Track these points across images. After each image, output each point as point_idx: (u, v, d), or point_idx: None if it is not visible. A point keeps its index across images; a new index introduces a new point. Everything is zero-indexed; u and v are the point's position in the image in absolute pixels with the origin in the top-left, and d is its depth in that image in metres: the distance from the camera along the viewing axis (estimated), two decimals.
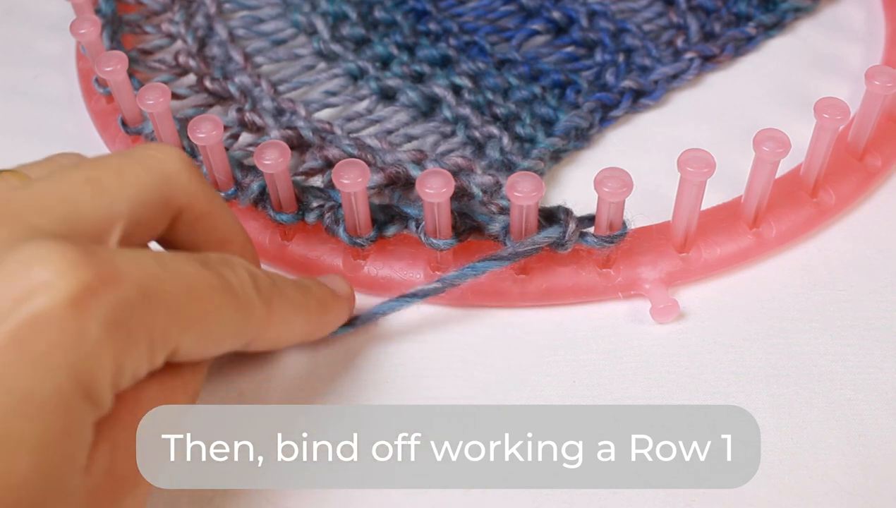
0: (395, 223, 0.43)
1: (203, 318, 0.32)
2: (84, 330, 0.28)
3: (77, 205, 0.32)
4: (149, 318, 0.30)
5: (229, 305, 0.33)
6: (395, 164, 0.46)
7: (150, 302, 0.30)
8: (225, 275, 0.34)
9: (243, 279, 0.34)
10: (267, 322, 0.36)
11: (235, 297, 0.34)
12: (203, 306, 0.32)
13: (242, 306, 0.34)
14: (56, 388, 0.27)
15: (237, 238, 0.38)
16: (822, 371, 0.41)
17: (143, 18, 0.55)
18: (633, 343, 0.43)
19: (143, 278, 0.30)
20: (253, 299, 0.35)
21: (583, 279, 0.44)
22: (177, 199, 0.35)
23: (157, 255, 0.31)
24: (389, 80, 0.52)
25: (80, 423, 0.29)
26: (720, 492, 0.37)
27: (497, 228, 0.42)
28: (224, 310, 0.33)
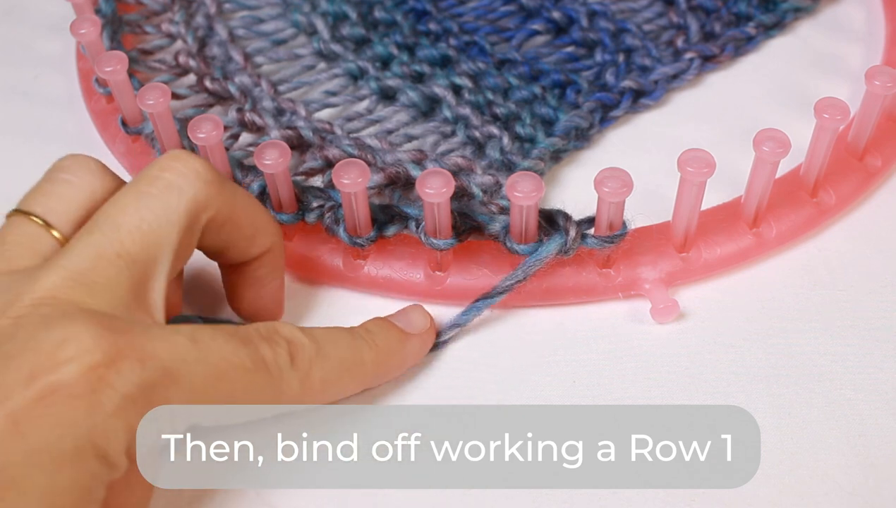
0: (395, 223, 0.43)
1: (229, 398, 0.34)
2: (100, 401, 0.30)
3: (111, 282, 0.34)
4: (170, 397, 0.32)
5: (259, 384, 0.35)
6: (396, 164, 0.46)
7: (174, 382, 0.32)
8: (261, 353, 0.35)
9: (279, 355, 0.36)
10: (302, 394, 0.37)
11: (268, 375, 0.35)
12: (231, 386, 0.34)
13: (274, 383, 0.35)
14: (70, 448, 0.30)
15: (264, 231, 0.39)
16: (822, 371, 0.41)
17: (143, 18, 0.55)
18: (633, 343, 0.43)
19: (170, 359, 0.32)
20: (286, 375, 0.36)
21: (583, 279, 0.44)
22: (201, 219, 0.36)
23: (194, 332, 0.33)
24: (389, 80, 0.52)
25: (91, 481, 0.30)
26: (720, 492, 0.37)
27: (497, 228, 0.42)
28: (253, 390, 0.35)
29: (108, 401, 0.30)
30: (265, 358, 0.35)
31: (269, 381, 0.35)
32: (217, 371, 0.33)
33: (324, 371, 0.37)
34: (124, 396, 0.30)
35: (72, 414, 0.30)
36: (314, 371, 0.37)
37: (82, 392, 0.30)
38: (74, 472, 0.30)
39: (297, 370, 0.36)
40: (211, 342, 0.34)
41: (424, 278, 0.44)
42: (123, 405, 0.30)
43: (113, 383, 0.30)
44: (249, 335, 0.35)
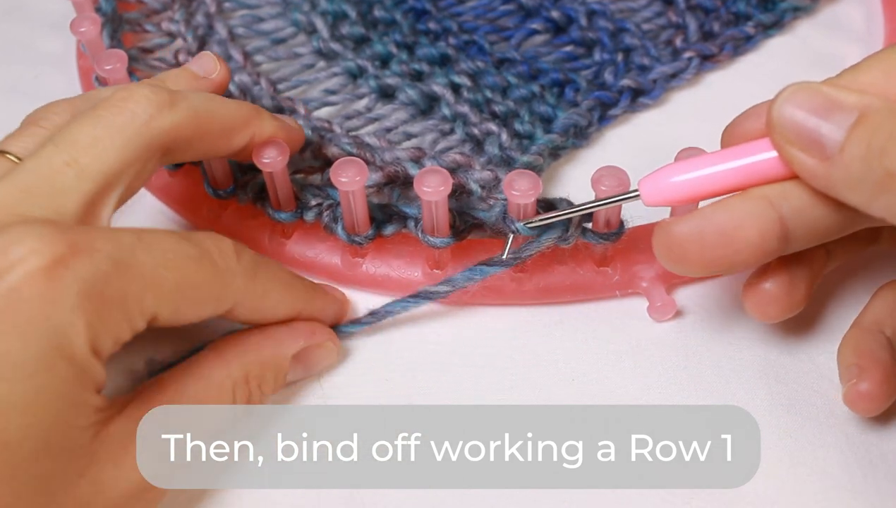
0: (393, 222, 0.43)
1: (179, 287, 0.34)
2: (57, 299, 0.30)
3: (59, 190, 0.34)
4: (123, 287, 0.32)
5: (207, 273, 0.35)
6: (394, 163, 0.46)
7: (124, 271, 0.32)
8: (204, 246, 0.35)
9: (224, 250, 0.36)
10: (249, 291, 0.37)
11: (213, 266, 0.35)
12: (179, 275, 0.34)
13: (221, 275, 0.36)
14: (33, 353, 0.30)
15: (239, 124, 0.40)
16: (822, 370, 0.41)
17: (143, 17, 0.55)
18: (632, 342, 0.43)
19: (117, 250, 0.32)
20: (233, 268, 0.36)
21: (581, 277, 0.44)
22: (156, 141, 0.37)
23: (137, 231, 0.34)
24: (389, 79, 0.52)
25: (66, 386, 0.31)
26: (720, 492, 0.38)
27: (496, 213, 0.42)
28: (201, 278, 0.35)
29: (63, 299, 0.30)
30: (210, 250, 0.36)
31: (215, 271, 0.35)
32: (164, 259, 0.33)
33: (266, 277, 0.38)
34: (79, 292, 0.30)
35: (28, 318, 0.30)
36: (259, 272, 0.38)
37: (35, 294, 0.30)
38: (45, 379, 0.30)
39: (242, 266, 0.37)
40: (153, 235, 0.34)
41: (423, 276, 0.44)
42: (79, 301, 0.30)
43: (64, 279, 0.30)
44: (192, 233, 0.36)
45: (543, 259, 0.43)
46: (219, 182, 0.45)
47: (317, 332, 0.41)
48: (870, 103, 0.33)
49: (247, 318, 0.39)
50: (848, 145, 0.33)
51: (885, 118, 0.33)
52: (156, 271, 0.33)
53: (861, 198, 0.33)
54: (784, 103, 0.34)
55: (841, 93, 0.34)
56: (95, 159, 0.35)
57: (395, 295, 0.44)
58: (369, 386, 0.42)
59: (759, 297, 0.39)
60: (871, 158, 0.32)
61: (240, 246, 0.37)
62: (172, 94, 0.38)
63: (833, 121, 0.33)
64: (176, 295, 0.34)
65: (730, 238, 0.36)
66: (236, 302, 0.37)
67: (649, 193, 0.38)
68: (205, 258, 0.35)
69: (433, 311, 0.44)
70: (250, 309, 0.38)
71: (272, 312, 0.39)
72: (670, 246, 0.37)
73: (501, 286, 0.44)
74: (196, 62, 0.44)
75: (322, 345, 0.41)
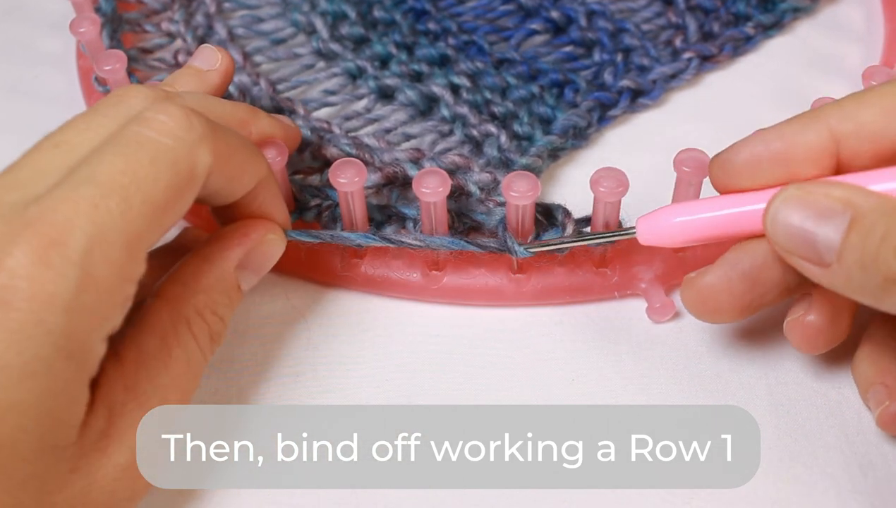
0: (392, 223, 0.43)
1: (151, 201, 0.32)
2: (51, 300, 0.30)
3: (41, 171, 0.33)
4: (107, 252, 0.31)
5: (167, 166, 0.33)
6: (393, 163, 0.46)
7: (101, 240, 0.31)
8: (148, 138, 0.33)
9: (168, 126, 0.34)
10: (215, 155, 0.35)
11: (169, 152, 0.33)
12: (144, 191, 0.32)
13: (181, 155, 0.34)
14: (33, 356, 0.30)
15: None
16: (822, 370, 0.41)
17: (142, 17, 0.55)
18: (632, 342, 0.43)
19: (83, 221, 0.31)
20: (188, 139, 0.34)
21: (580, 278, 0.44)
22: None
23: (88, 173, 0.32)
24: (388, 80, 0.52)
25: (65, 384, 0.31)
26: (720, 492, 0.38)
27: (495, 221, 0.42)
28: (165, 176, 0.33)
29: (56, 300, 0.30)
30: (153, 139, 0.33)
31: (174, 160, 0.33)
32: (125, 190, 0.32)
33: (227, 135, 0.36)
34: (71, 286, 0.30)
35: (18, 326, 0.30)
36: (218, 132, 0.35)
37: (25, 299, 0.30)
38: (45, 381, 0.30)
39: (197, 130, 0.34)
40: (103, 166, 0.32)
41: (421, 277, 0.44)
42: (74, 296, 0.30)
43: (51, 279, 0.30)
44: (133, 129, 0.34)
45: (543, 260, 0.44)
46: None
47: (249, 232, 0.39)
48: (860, 204, 0.33)
49: (221, 188, 0.37)
50: (844, 253, 0.33)
51: (875, 219, 0.32)
52: (124, 208, 0.32)
53: (868, 300, 0.33)
54: (777, 212, 0.35)
55: (831, 196, 0.33)
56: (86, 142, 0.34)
57: (394, 296, 0.44)
58: (369, 386, 0.42)
59: (803, 331, 0.38)
60: (868, 264, 0.32)
61: (188, 109, 0.35)
62: (167, 95, 0.37)
63: (827, 227, 0.33)
64: (154, 213, 0.32)
65: (756, 280, 0.36)
66: (210, 171, 0.35)
67: (645, 232, 0.39)
68: (157, 152, 0.33)
69: (433, 312, 0.44)
70: (222, 176, 0.36)
71: (241, 176, 0.37)
72: (704, 300, 0.38)
73: (501, 287, 0.44)
74: (198, 57, 0.44)
75: (262, 241, 0.39)
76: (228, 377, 0.42)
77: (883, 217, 0.32)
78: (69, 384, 0.31)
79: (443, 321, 0.44)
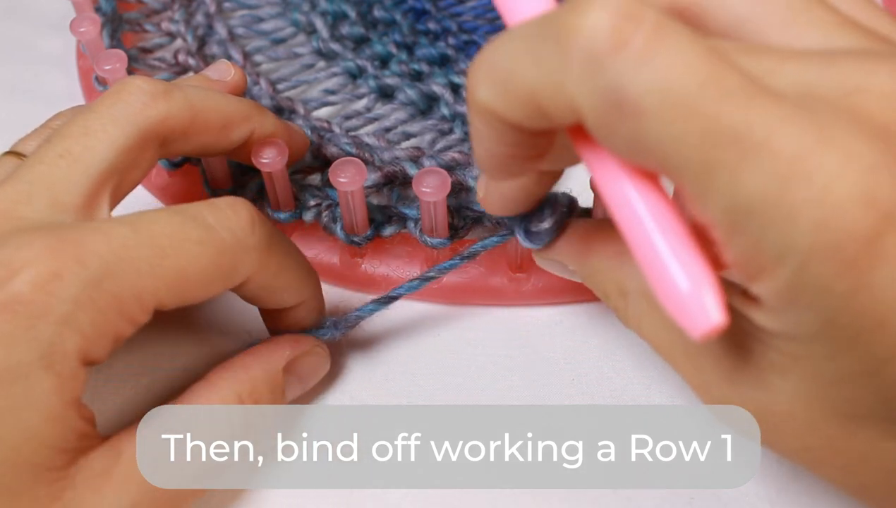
0: (392, 223, 0.43)
1: (181, 273, 0.33)
2: (48, 311, 0.30)
3: (55, 184, 0.34)
4: (118, 288, 0.32)
5: (212, 254, 0.34)
6: (393, 162, 0.46)
7: (117, 273, 0.31)
8: (208, 223, 0.34)
9: (235, 224, 0.35)
10: (262, 266, 0.36)
11: (220, 244, 0.34)
12: (180, 261, 0.33)
13: (229, 252, 0.35)
14: (14, 362, 0.30)
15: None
16: None
17: (143, 17, 0.55)
18: (631, 342, 0.43)
19: (110, 252, 0.32)
20: (245, 243, 0.35)
21: None
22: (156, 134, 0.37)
23: (133, 220, 0.33)
24: (388, 79, 0.52)
25: (45, 397, 0.30)
26: (720, 492, 0.38)
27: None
28: (206, 261, 0.34)
29: (53, 311, 0.30)
30: (214, 228, 0.34)
31: (221, 251, 0.34)
32: (162, 248, 0.33)
33: (281, 251, 0.37)
34: (74, 300, 0.30)
35: (13, 329, 0.30)
36: (274, 247, 0.36)
37: (28, 305, 0.30)
38: (23, 389, 0.30)
39: (256, 239, 0.35)
40: (152, 222, 0.33)
41: None
42: (72, 310, 0.30)
43: (57, 292, 0.30)
44: (199, 207, 0.35)
45: None
46: (218, 182, 0.45)
47: (300, 341, 0.39)
48: None
49: (257, 295, 0.37)
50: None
51: None
52: (153, 263, 0.32)
53: None
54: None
55: None
56: (87, 148, 0.35)
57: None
58: (369, 386, 0.42)
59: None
60: None
61: (257, 216, 0.36)
62: (167, 85, 0.38)
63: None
64: (179, 282, 0.33)
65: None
66: (249, 278, 0.36)
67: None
68: (210, 238, 0.34)
69: (433, 312, 0.44)
70: (262, 286, 0.37)
71: (282, 293, 0.38)
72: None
73: (501, 287, 0.44)
74: (212, 68, 0.44)
75: (310, 352, 0.39)
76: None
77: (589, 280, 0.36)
78: (49, 398, 0.30)
79: (443, 320, 0.44)
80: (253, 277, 0.36)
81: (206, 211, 0.35)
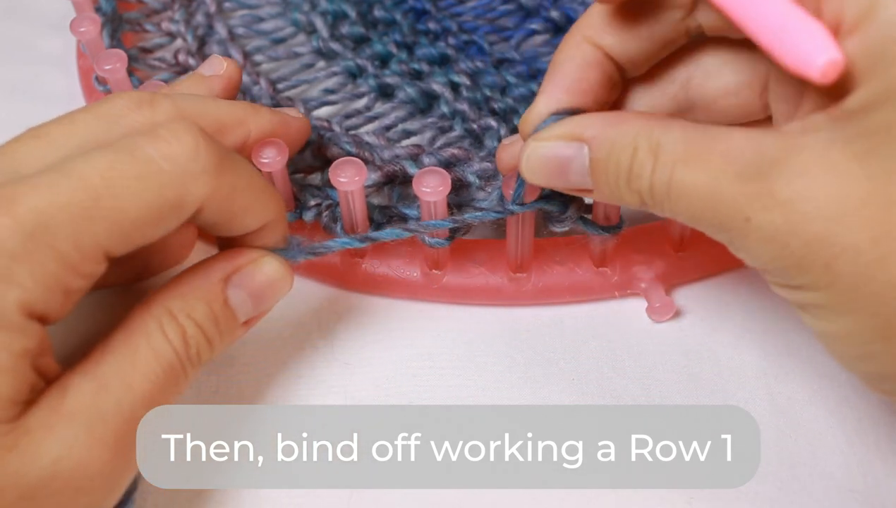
0: (393, 224, 0.43)
1: (122, 213, 0.32)
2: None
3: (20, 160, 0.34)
4: (53, 238, 0.31)
5: (154, 187, 0.32)
6: (393, 161, 0.46)
7: (51, 224, 0.31)
8: (146, 154, 0.33)
9: (175, 151, 0.33)
10: (214, 190, 0.34)
11: (161, 175, 0.33)
12: (116, 201, 0.32)
13: (173, 182, 0.33)
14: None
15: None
16: (822, 370, 0.41)
17: (143, 16, 0.55)
18: (631, 342, 0.43)
19: (41, 201, 0.31)
20: (190, 169, 0.33)
21: (579, 278, 0.44)
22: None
23: (65, 165, 0.32)
24: (388, 78, 0.52)
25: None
26: (719, 492, 0.38)
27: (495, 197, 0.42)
28: (149, 196, 0.32)
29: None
30: (153, 158, 0.33)
31: (165, 182, 0.33)
32: (94, 191, 0.31)
33: (235, 172, 0.35)
34: (5, 255, 0.30)
35: None
36: (225, 168, 0.34)
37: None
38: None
39: (201, 164, 0.33)
40: (83, 165, 0.32)
41: (421, 276, 0.44)
42: (6, 264, 0.30)
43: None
44: (135, 139, 0.33)
45: (541, 259, 0.44)
46: None
47: (244, 251, 0.37)
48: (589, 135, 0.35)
49: (214, 222, 0.36)
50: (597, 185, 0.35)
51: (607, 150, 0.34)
52: (87, 207, 0.31)
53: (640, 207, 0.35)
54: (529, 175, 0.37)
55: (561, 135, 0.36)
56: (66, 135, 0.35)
57: (394, 296, 0.44)
58: (369, 386, 0.42)
59: None
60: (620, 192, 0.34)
61: (203, 138, 0.34)
62: (154, 96, 0.37)
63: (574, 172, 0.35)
64: (121, 224, 0.32)
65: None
66: (201, 206, 0.34)
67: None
68: (148, 170, 0.32)
69: (433, 312, 0.44)
70: (217, 212, 0.35)
71: (242, 216, 0.36)
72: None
73: (501, 286, 0.44)
74: (204, 64, 0.43)
75: (257, 261, 0.37)
76: (228, 377, 0.42)
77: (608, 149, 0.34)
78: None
79: (443, 320, 0.44)
80: (207, 204, 0.34)
81: (144, 141, 0.33)
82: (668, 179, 0.32)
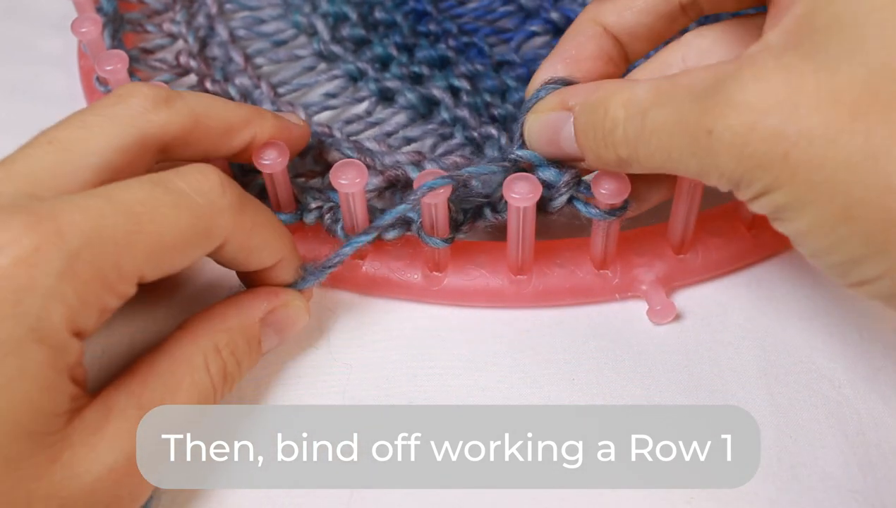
0: (395, 227, 0.43)
1: (158, 240, 0.34)
2: (32, 285, 0.31)
3: (40, 169, 0.35)
4: (98, 259, 0.32)
5: (186, 217, 0.35)
6: (394, 166, 0.46)
7: (96, 244, 0.32)
8: (179, 188, 0.35)
9: (205, 186, 0.36)
10: (237, 226, 0.37)
11: (193, 207, 0.35)
12: (156, 228, 0.34)
13: (203, 214, 0.35)
14: (5, 337, 0.30)
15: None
16: (822, 371, 0.41)
17: (144, 17, 0.56)
18: (631, 343, 0.43)
19: (87, 223, 0.32)
20: (217, 204, 0.36)
21: (580, 280, 0.44)
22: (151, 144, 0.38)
23: (105, 191, 0.34)
24: (388, 82, 0.52)
25: (39, 368, 0.31)
26: (719, 491, 0.38)
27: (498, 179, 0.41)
28: (182, 225, 0.34)
29: (37, 285, 0.31)
30: (185, 191, 0.35)
31: (196, 214, 0.35)
32: (137, 216, 0.33)
33: (254, 211, 0.38)
34: (57, 273, 0.31)
35: (3, 305, 0.30)
36: (246, 207, 0.37)
37: (11, 281, 0.30)
38: (17, 363, 0.30)
39: (227, 200, 0.36)
40: (125, 193, 0.34)
41: (422, 278, 0.44)
42: (56, 283, 0.31)
43: (39, 266, 0.31)
44: (167, 174, 0.35)
45: (541, 261, 0.44)
46: None
47: (278, 293, 0.40)
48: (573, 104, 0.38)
49: (235, 257, 0.38)
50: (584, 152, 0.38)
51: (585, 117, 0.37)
52: (130, 231, 0.33)
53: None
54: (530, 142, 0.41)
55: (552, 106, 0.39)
56: (80, 140, 0.36)
57: (395, 297, 0.44)
58: (369, 386, 0.42)
59: None
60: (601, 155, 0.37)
61: (226, 179, 0.36)
62: (170, 93, 0.38)
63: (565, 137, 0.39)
64: (157, 249, 0.34)
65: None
66: (225, 240, 0.36)
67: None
68: (183, 202, 0.35)
69: (433, 312, 0.44)
70: (239, 247, 0.37)
71: (259, 252, 0.39)
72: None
73: (501, 288, 0.44)
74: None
75: (287, 304, 0.40)
76: None
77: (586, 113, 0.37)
78: (42, 368, 0.31)
79: (443, 322, 0.44)
80: (229, 238, 0.36)
81: (176, 177, 0.35)
82: (640, 125, 0.34)
